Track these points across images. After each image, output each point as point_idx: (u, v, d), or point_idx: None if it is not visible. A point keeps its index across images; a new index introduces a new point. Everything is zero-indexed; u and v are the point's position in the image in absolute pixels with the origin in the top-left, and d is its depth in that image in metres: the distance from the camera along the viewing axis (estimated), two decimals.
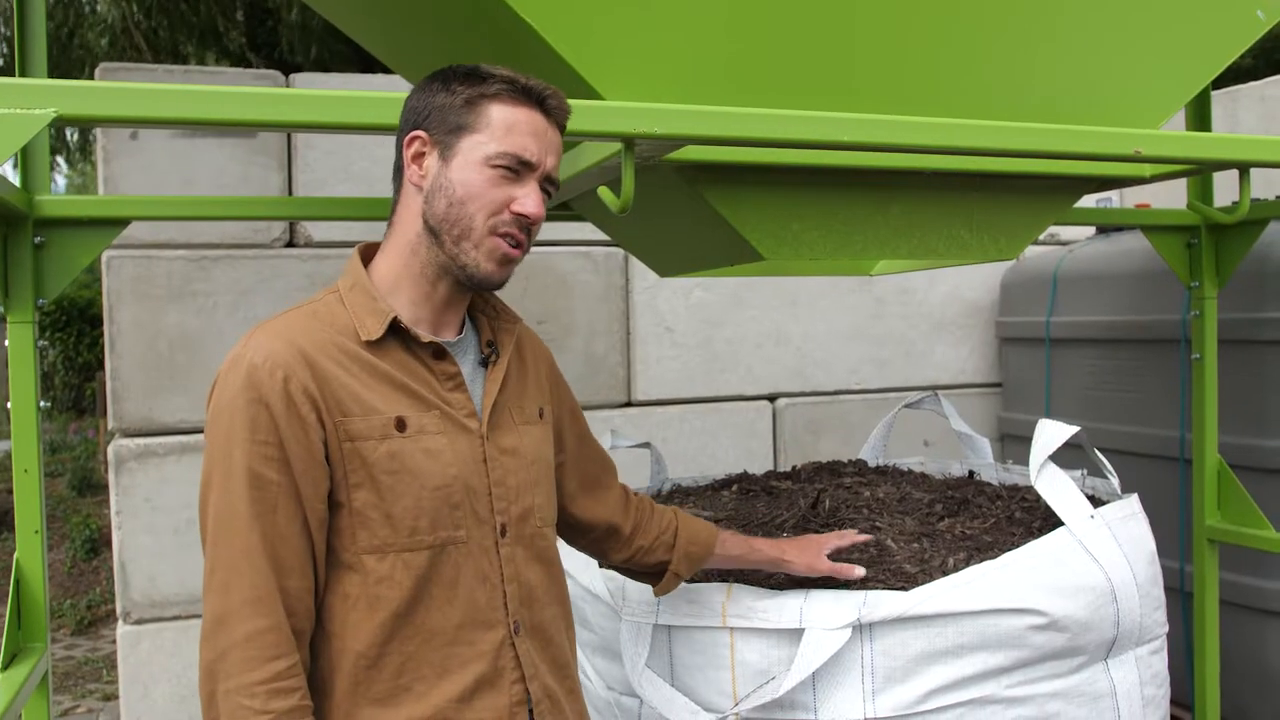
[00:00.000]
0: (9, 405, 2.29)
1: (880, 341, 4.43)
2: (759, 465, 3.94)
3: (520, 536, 1.47)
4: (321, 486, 1.35)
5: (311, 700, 1.34)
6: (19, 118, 1.34)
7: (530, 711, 1.45)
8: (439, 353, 1.44)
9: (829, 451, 4.21)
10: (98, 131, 3.64)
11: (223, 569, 1.31)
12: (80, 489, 8.45)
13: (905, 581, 1.85)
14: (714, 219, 1.96)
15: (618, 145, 1.65)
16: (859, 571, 1.85)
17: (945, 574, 1.86)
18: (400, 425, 1.38)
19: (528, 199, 1.39)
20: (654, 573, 1.83)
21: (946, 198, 2.09)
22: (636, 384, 4.14)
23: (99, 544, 6.63)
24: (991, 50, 1.99)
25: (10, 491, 8.96)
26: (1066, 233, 4.49)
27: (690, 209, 2.01)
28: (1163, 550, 3.40)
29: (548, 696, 1.48)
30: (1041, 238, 4.58)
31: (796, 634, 1.79)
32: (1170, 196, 3.34)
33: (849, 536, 1.92)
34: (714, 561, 1.85)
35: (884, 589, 1.83)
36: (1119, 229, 3.73)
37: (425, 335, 1.43)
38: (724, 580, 1.93)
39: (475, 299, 1.55)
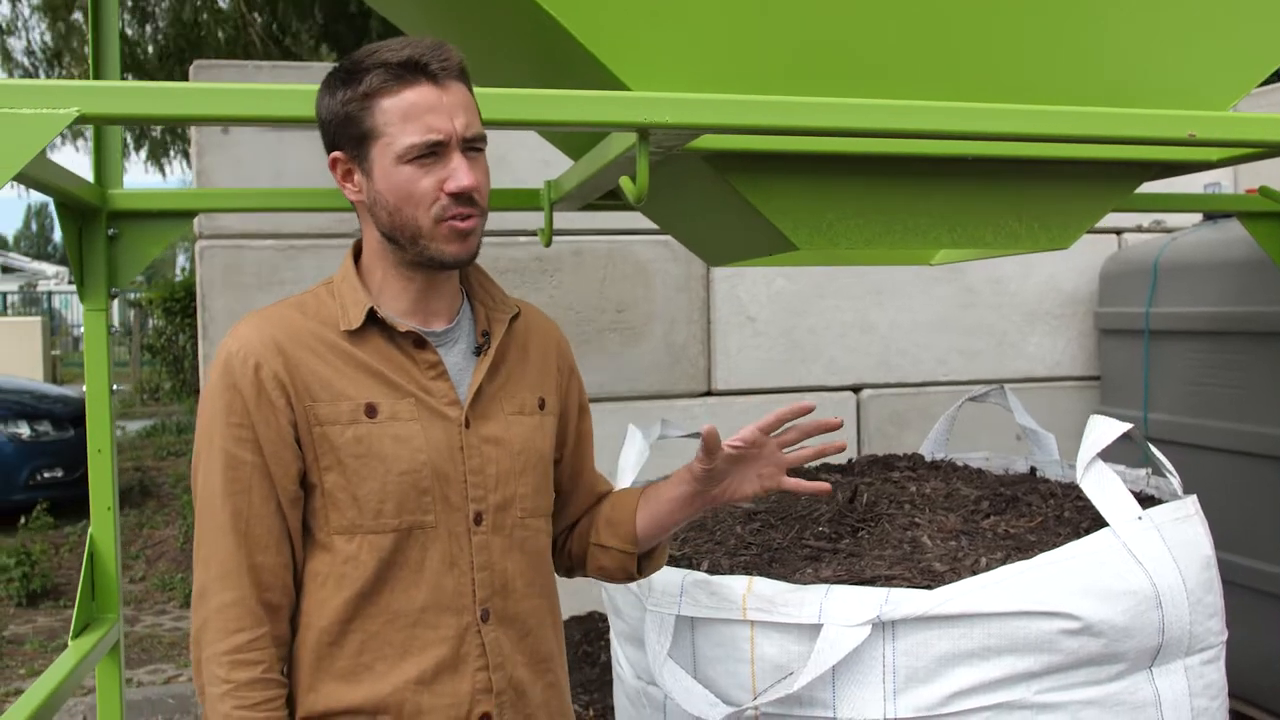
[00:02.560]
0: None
1: (970, 332, 4.30)
2: (841, 457, 3.87)
3: (499, 525, 1.48)
4: (292, 468, 1.41)
5: (280, 673, 1.40)
6: (43, 118, 1.41)
7: (495, 699, 1.46)
8: (419, 342, 1.47)
9: (913, 444, 4.11)
10: (191, 128, 3.80)
11: (204, 544, 1.40)
12: None
13: (931, 580, 1.80)
14: (747, 208, 1.93)
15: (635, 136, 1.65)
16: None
17: (976, 574, 1.80)
18: (370, 411, 1.42)
19: (456, 173, 1.38)
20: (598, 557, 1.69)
21: (992, 185, 2.01)
22: (717, 373, 4.12)
23: None
24: (1057, 31, 1.90)
25: (136, 469, 9.34)
26: (1172, 219, 4.28)
27: (724, 199, 1.98)
28: (1265, 554, 3.24)
29: (513, 687, 1.48)
30: (1145, 224, 4.37)
31: (816, 629, 1.76)
32: None
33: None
34: (649, 519, 1.62)
35: (908, 587, 1.78)
36: (1226, 215, 3.52)
37: (404, 325, 1.46)
38: (746, 573, 1.91)
39: (475, 289, 1.57)
